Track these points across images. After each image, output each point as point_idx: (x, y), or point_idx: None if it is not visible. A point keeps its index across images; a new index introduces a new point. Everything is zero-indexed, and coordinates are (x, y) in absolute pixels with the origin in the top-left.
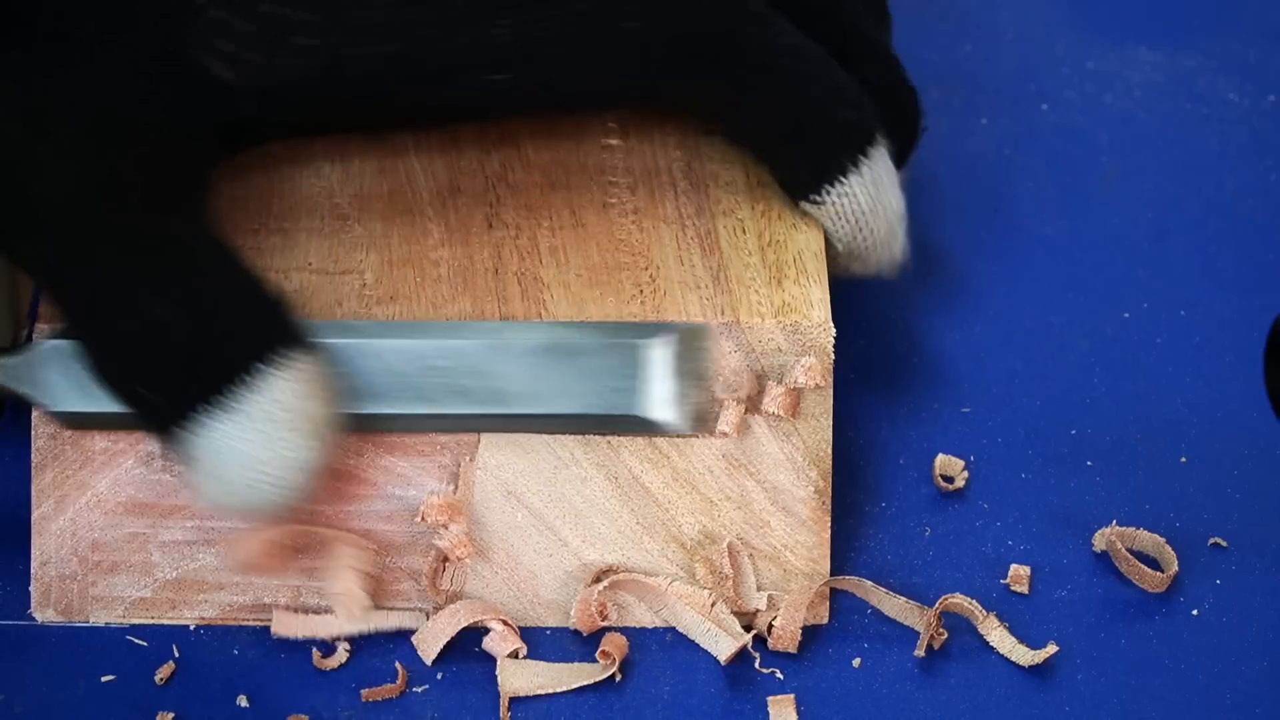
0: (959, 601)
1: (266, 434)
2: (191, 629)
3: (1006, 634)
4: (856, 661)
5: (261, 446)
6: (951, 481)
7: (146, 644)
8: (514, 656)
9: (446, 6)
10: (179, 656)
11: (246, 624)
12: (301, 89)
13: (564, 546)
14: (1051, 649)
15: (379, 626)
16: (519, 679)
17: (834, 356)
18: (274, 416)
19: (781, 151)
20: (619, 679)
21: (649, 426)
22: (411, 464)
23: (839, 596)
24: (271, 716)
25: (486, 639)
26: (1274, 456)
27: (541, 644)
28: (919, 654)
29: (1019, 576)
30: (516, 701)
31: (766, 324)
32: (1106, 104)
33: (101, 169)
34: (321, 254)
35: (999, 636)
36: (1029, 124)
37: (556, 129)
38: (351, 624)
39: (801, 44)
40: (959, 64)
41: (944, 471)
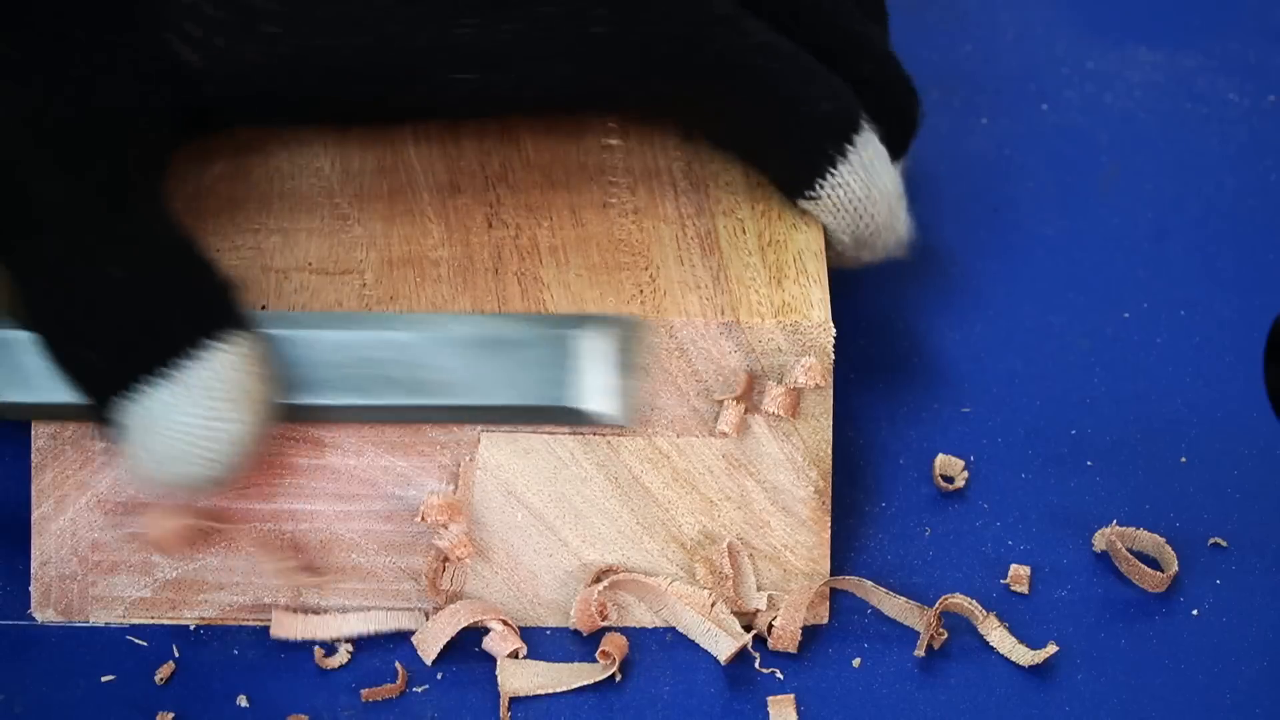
0: (959, 601)
1: (203, 407)
2: (191, 629)
3: (1006, 634)
4: (856, 661)
5: (197, 419)
6: (951, 481)
7: (146, 644)
8: (514, 656)
9: (415, 4)
10: (179, 656)
11: (246, 624)
12: (267, 77)
13: (564, 546)
14: (1051, 649)
15: (379, 628)
16: (519, 679)
17: (834, 356)
18: (213, 390)
19: (766, 152)
20: (619, 679)
21: (584, 418)
22: (411, 464)
23: (839, 596)
24: (271, 716)
25: (486, 639)
26: (1274, 456)
27: (541, 644)
28: (919, 654)
29: (1019, 576)
30: (516, 701)
31: (766, 324)
32: (1106, 104)
33: (64, 141)
34: (321, 254)
35: (999, 636)
36: (1029, 124)
37: (556, 129)
38: (352, 625)
39: (771, 42)
40: (959, 64)
41: (944, 471)
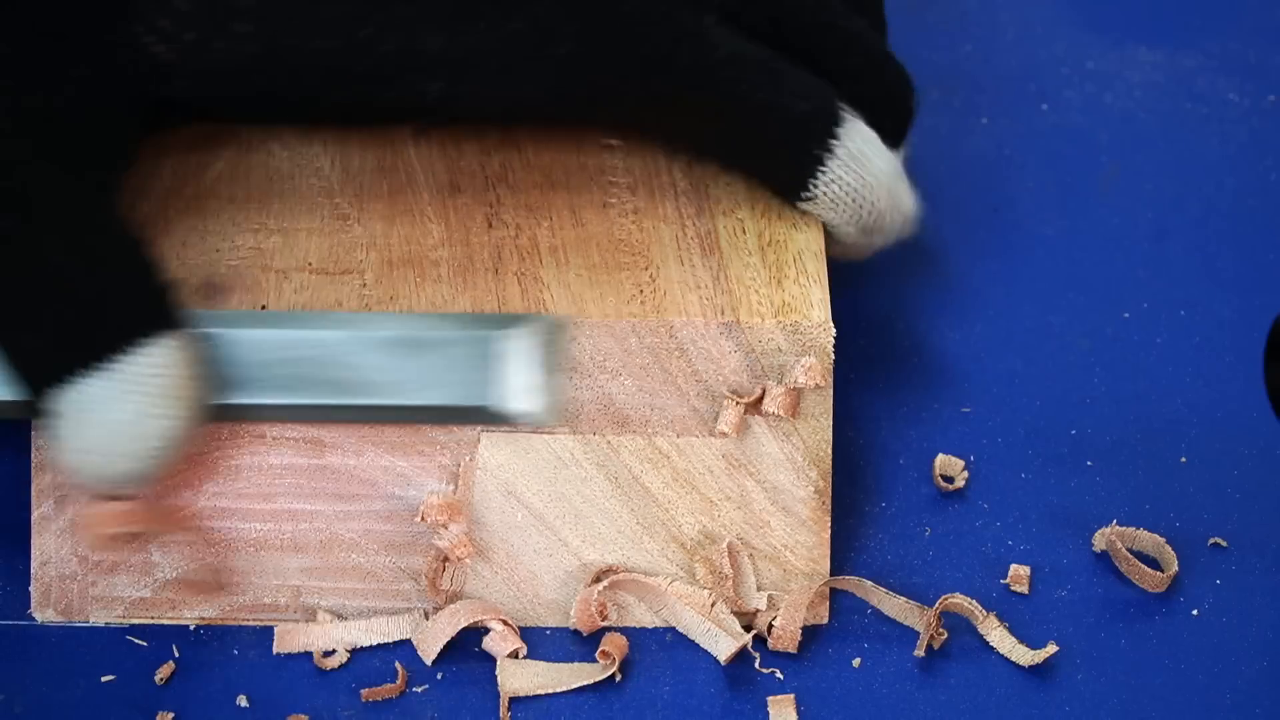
0: (959, 601)
1: (136, 402)
2: (191, 629)
3: (1006, 634)
4: (856, 661)
5: (129, 413)
6: (951, 481)
7: (146, 644)
8: (514, 656)
9: (384, 10)
10: (179, 656)
11: (246, 624)
12: (235, 73)
13: (564, 546)
14: (1051, 649)
15: (380, 639)
16: (519, 679)
17: (834, 356)
18: (147, 386)
19: (753, 161)
20: (619, 679)
21: (507, 418)
22: (411, 464)
23: (839, 596)
24: (271, 716)
25: (486, 639)
26: (1274, 456)
27: (541, 644)
28: (919, 654)
29: (1019, 576)
30: (516, 701)
31: (766, 324)
32: (1106, 104)
33: (21, 129)
34: (321, 254)
35: (999, 636)
36: (1029, 124)
37: (556, 129)
38: (354, 635)
39: (738, 52)
40: (959, 64)
41: (944, 471)
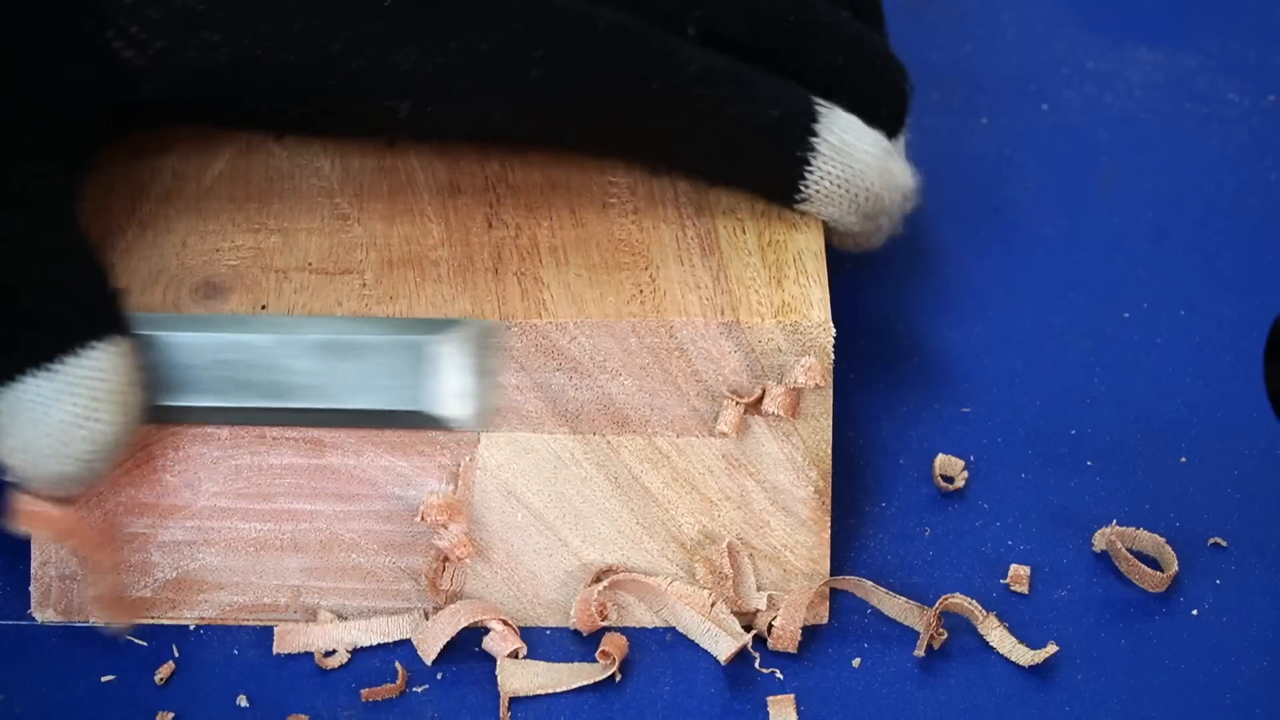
0: (959, 601)
1: (77, 404)
2: (191, 629)
3: (1006, 634)
4: (856, 661)
5: (71, 415)
6: (951, 481)
7: (146, 644)
8: (514, 656)
9: (356, 27)
10: (179, 656)
11: (246, 624)
12: (204, 81)
13: (564, 546)
14: (1051, 649)
15: (381, 639)
16: (519, 679)
17: (834, 356)
18: (88, 390)
19: (736, 174)
20: (619, 679)
21: (437, 423)
22: (411, 464)
23: (839, 596)
24: (271, 716)
25: (486, 639)
26: (1274, 456)
27: (541, 644)
28: (919, 654)
29: (1019, 576)
30: (516, 701)
31: (766, 324)
32: (1106, 104)
33: None
34: (321, 254)
35: (999, 636)
36: (1029, 124)
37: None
38: (354, 635)
39: (706, 69)
40: (959, 64)
41: (944, 471)
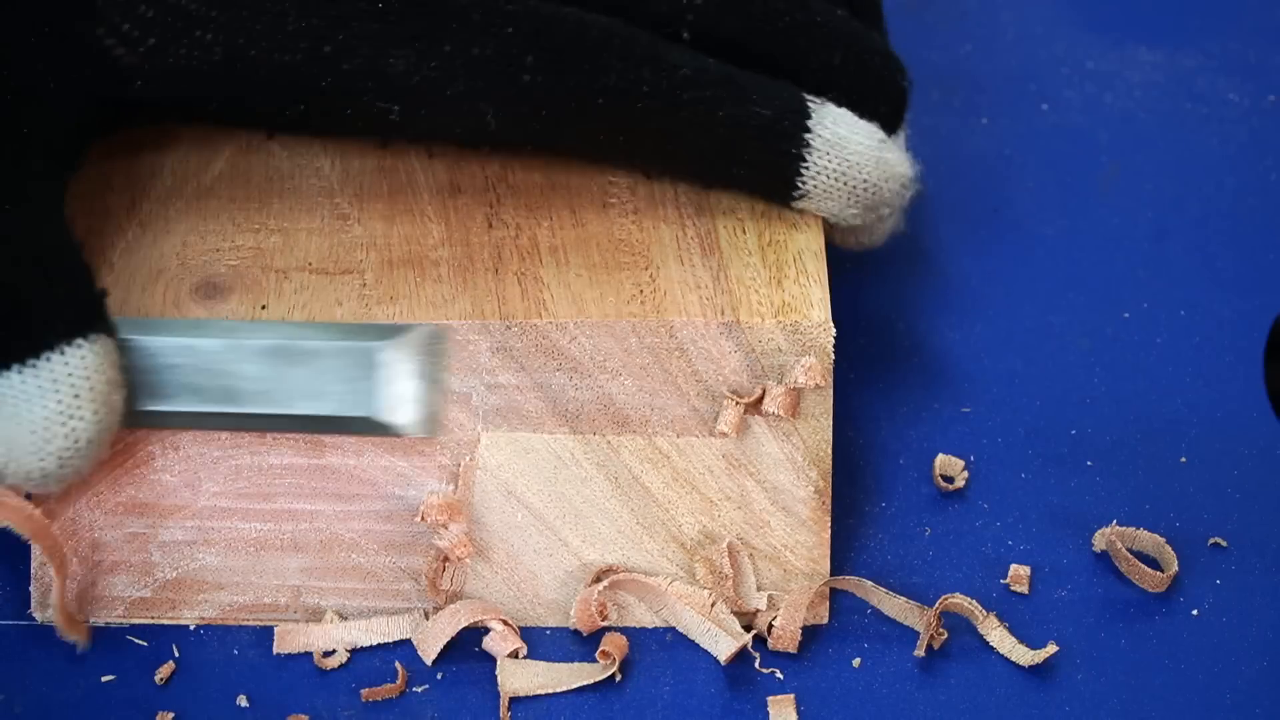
0: (959, 601)
1: (54, 402)
2: (191, 629)
3: (1006, 634)
4: (856, 661)
5: (51, 412)
6: (951, 481)
7: (146, 644)
8: (514, 656)
9: (349, 29)
10: (179, 656)
11: (246, 624)
12: (196, 80)
13: (564, 546)
14: (1051, 649)
15: (381, 639)
16: (519, 679)
17: (834, 356)
18: (75, 388)
19: (734, 177)
20: (619, 679)
21: (384, 429)
22: (411, 464)
23: (839, 596)
24: (271, 716)
25: (486, 639)
26: (1274, 456)
27: (541, 644)
28: (919, 654)
29: (1019, 576)
30: (516, 701)
31: (766, 324)
32: (1106, 104)
33: None
34: (321, 254)
35: (999, 636)
36: (1029, 124)
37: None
38: (354, 635)
39: (697, 70)
40: (959, 64)
41: (944, 471)
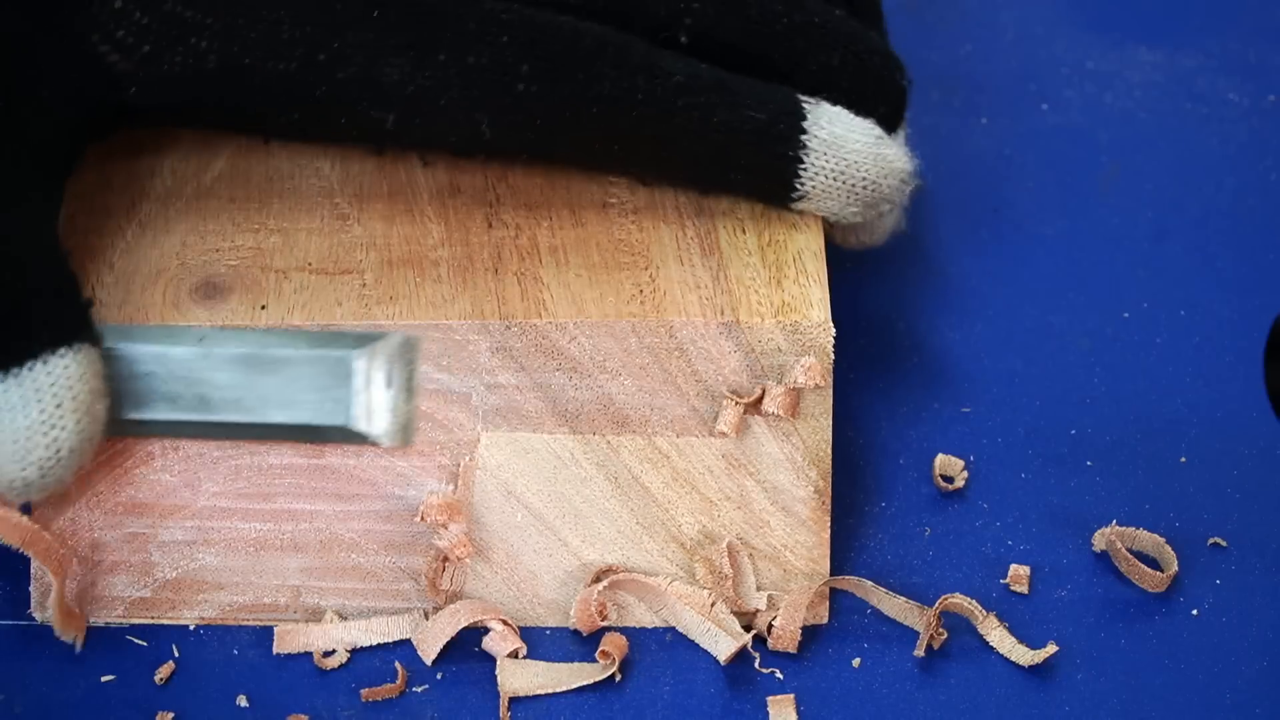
0: (959, 601)
1: (38, 411)
2: (191, 629)
3: (1006, 634)
4: (856, 661)
5: (35, 420)
6: (951, 481)
7: (146, 644)
8: (514, 656)
9: (344, 37)
10: (179, 656)
11: (246, 624)
12: (190, 87)
13: (564, 546)
14: (1051, 649)
15: (381, 639)
16: (519, 679)
17: (834, 356)
18: (57, 397)
19: (732, 181)
20: (619, 679)
21: (356, 437)
22: (411, 464)
23: (839, 596)
24: (271, 716)
25: (486, 639)
26: (1274, 456)
27: (541, 644)
28: (919, 654)
29: (1019, 576)
30: (516, 701)
31: (766, 324)
32: (1106, 104)
33: None
34: (321, 254)
35: (999, 636)
36: (1029, 124)
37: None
38: (354, 635)
39: (691, 77)
40: (959, 64)
41: (944, 471)
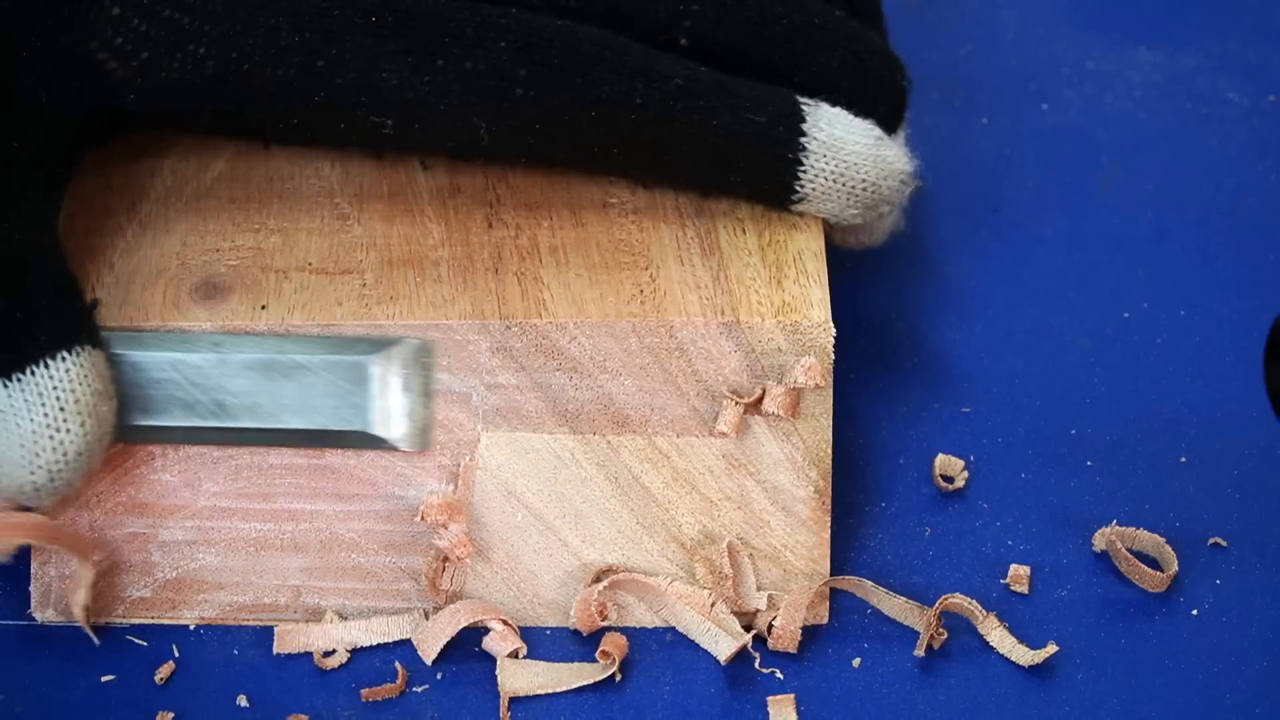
0: (959, 601)
1: (43, 415)
2: (191, 629)
3: (1006, 634)
4: (856, 661)
5: (38, 425)
6: (951, 481)
7: (146, 644)
8: (514, 656)
9: (342, 43)
10: (179, 656)
11: (246, 624)
12: (189, 93)
13: (564, 546)
14: (1051, 649)
15: (381, 639)
16: (519, 679)
17: (834, 356)
18: (61, 401)
19: (731, 184)
20: (619, 679)
21: (374, 442)
22: (411, 464)
23: (839, 596)
24: (271, 716)
25: (486, 639)
26: (1274, 456)
27: (541, 644)
28: (919, 654)
29: (1019, 576)
30: (516, 701)
31: (766, 324)
32: (1106, 104)
33: None
34: (321, 254)
35: (999, 636)
36: (1029, 124)
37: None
38: (354, 635)
39: (690, 80)
40: (959, 64)
41: (944, 471)
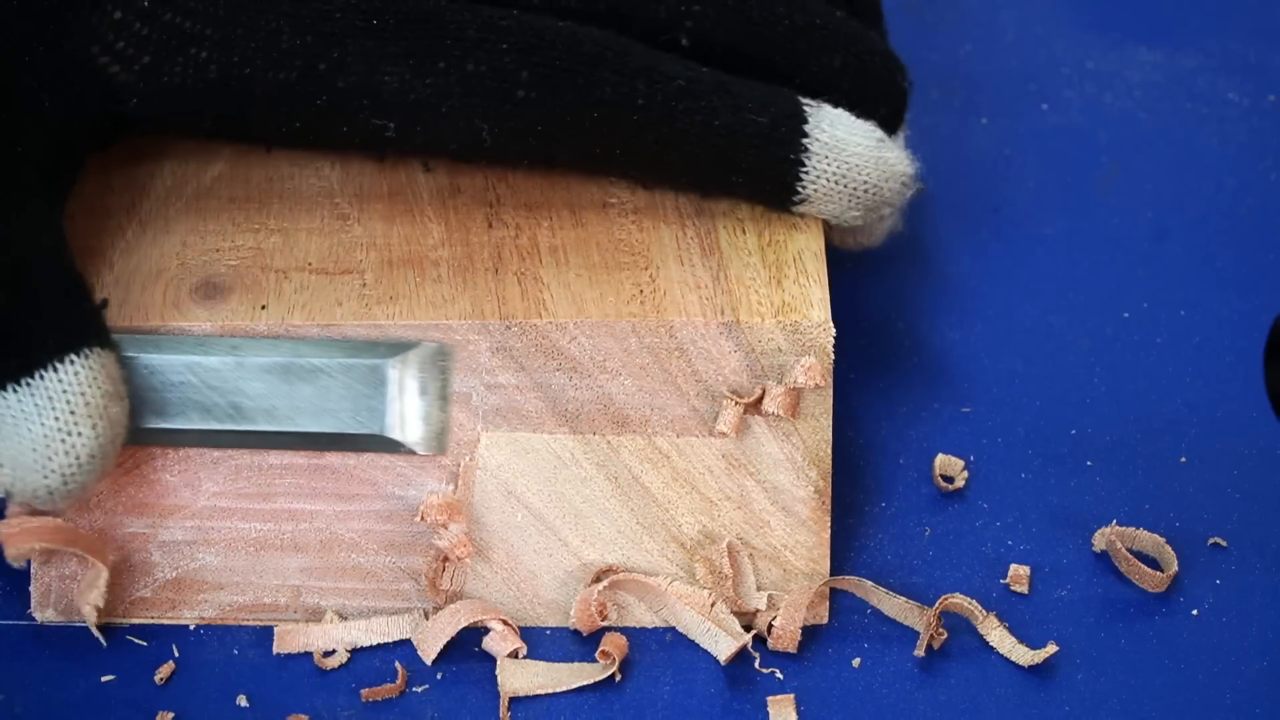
0: (959, 601)
1: (57, 418)
2: (191, 629)
3: (1006, 634)
4: (856, 661)
5: (51, 428)
6: (951, 481)
7: (146, 644)
8: (514, 656)
9: (344, 46)
10: (179, 656)
11: (246, 624)
12: (190, 96)
13: (564, 546)
14: (1051, 649)
15: (380, 639)
16: (519, 679)
17: (834, 356)
18: (71, 404)
19: (733, 185)
20: (619, 679)
21: (391, 445)
22: (411, 464)
23: (839, 596)
24: (271, 716)
25: (486, 639)
26: (1274, 456)
27: (541, 644)
28: (919, 654)
29: (1019, 576)
30: (516, 701)
31: (766, 324)
32: (1106, 104)
33: None
34: (321, 254)
35: (999, 636)
36: (1029, 124)
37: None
38: (354, 635)
39: (692, 81)
40: (959, 64)
41: (944, 471)
